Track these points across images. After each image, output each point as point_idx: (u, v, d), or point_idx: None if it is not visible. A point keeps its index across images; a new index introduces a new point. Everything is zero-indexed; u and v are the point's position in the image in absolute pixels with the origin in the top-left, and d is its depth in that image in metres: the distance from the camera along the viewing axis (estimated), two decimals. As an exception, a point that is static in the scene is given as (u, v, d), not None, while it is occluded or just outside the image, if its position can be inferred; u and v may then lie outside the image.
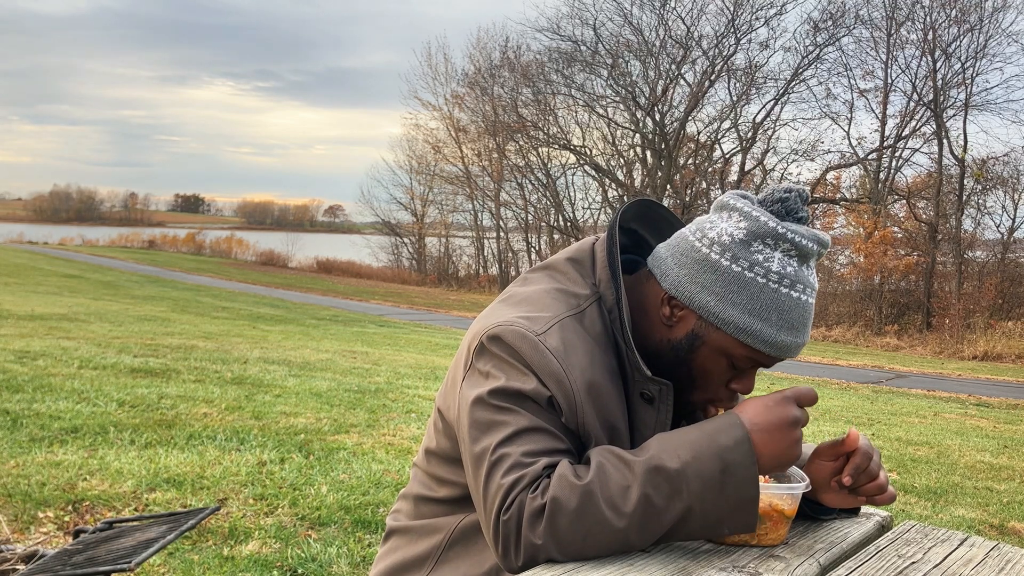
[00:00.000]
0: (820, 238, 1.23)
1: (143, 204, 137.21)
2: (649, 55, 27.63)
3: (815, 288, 1.25)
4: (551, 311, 1.24)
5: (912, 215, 25.04)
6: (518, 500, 1.09)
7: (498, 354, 1.20)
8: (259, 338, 11.21)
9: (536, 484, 1.10)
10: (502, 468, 1.11)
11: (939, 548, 1.26)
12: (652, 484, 1.08)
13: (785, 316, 1.20)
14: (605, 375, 1.23)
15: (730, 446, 1.09)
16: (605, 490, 1.08)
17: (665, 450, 1.10)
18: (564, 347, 1.19)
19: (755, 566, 1.12)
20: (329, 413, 5.67)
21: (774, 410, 1.12)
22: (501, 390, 1.16)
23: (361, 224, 47.94)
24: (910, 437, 7.32)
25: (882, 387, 12.57)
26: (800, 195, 1.24)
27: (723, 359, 1.24)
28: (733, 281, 1.20)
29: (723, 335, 1.22)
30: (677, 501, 1.08)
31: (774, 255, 1.20)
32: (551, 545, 1.08)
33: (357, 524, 3.41)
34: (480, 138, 33.50)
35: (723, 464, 1.09)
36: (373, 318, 18.93)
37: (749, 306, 1.20)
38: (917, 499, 5.00)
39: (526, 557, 1.09)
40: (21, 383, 5.67)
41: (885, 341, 20.94)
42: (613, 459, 1.11)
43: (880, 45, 25.05)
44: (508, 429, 1.14)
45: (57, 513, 3.27)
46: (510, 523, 1.09)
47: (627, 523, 1.08)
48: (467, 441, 1.18)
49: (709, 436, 1.11)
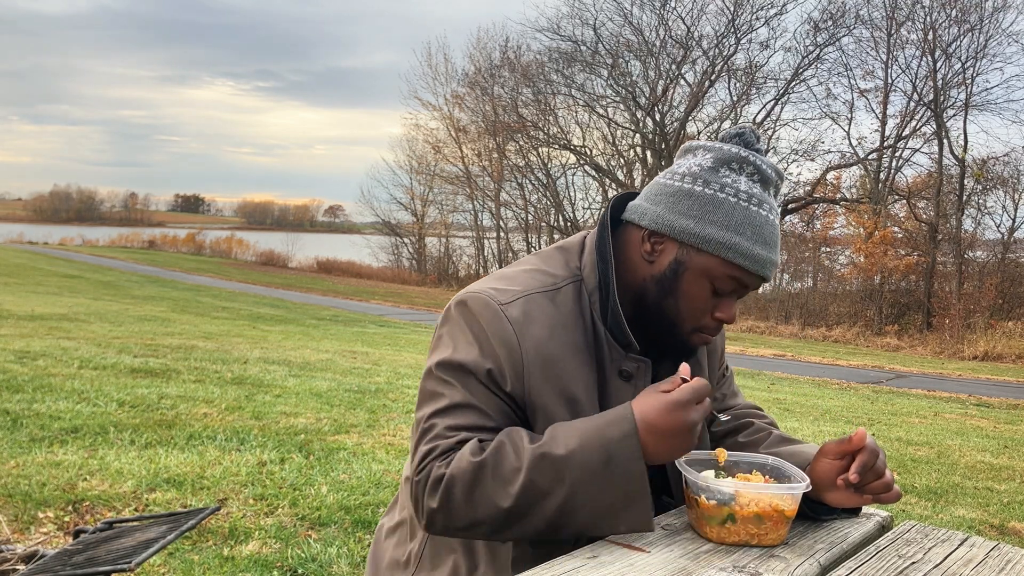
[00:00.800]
0: (777, 167, 1.33)
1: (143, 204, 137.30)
2: (649, 55, 27.63)
3: (778, 213, 1.34)
4: (522, 286, 1.31)
5: (912, 215, 25.03)
6: (428, 467, 1.20)
7: (458, 320, 1.29)
8: (259, 338, 11.21)
9: (446, 455, 1.20)
10: (426, 436, 1.23)
11: (939, 548, 1.26)
12: (538, 469, 1.14)
13: (758, 231, 1.28)
14: (565, 349, 1.28)
15: (616, 439, 1.14)
16: (496, 470, 1.16)
17: (556, 438, 1.17)
18: (524, 318, 1.26)
19: (755, 566, 1.12)
20: (329, 413, 5.67)
21: (671, 415, 1.15)
22: (446, 362, 1.26)
23: (361, 224, 47.96)
24: (910, 437, 7.32)
25: (882, 387, 12.56)
26: (753, 132, 1.34)
27: (706, 282, 1.29)
28: (708, 202, 1.28)
29: (705, 256, 1.28)
30: (559, 487, 1.14)
31: (740, 178, 1.29)
32: (444, 512, 1.19)
33: (357, 524, 3.41)
34: (480, 138, 33.51)
35: (607, 456, 1.14)
36: (373, 318, 18.93)
37: (725, 223, 1.27)
38: (917, 499, 5.00)
39: (427, 519, 1.22)
40: (21, 383, 5.67)
41: (885, 341, 20.93)
42: (513, 442, 1.18)
43: (880, 45, 25.07)
44: (443, 402, 1.24)
45: (57, 513, 3.27)
46: (418, 486, 1.21)
47: (512, 503, 1.15)
48: (416, 404, 1.31)
49: (599, 428, 1.16)
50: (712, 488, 1.19)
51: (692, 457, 1.30)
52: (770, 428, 1.51)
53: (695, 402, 1.16)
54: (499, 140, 31.93)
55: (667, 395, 1.16)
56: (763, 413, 1.58)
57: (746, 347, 17.83)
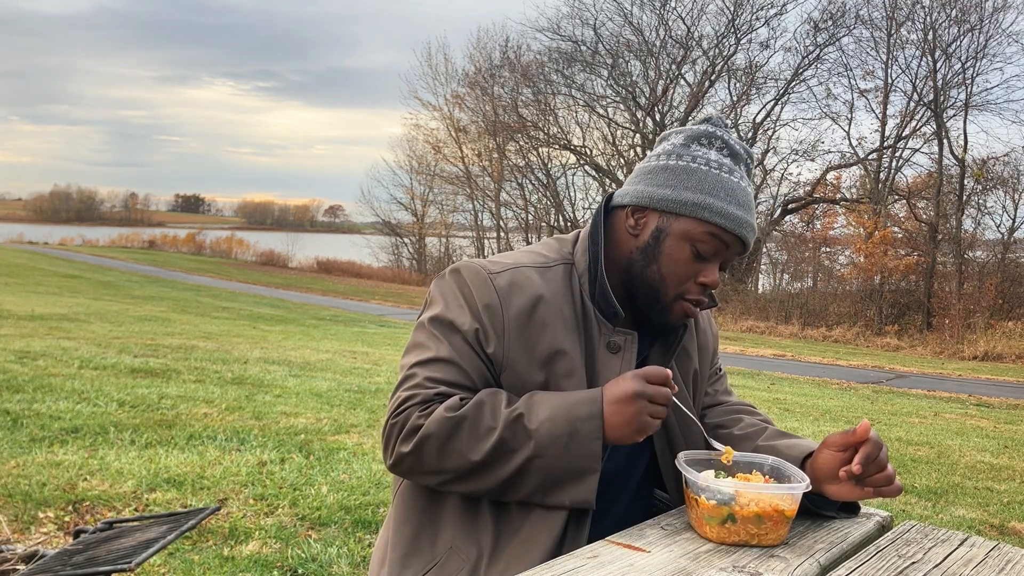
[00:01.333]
0: (744, 145, 1.43)
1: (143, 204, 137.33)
2: (649, 55, 27.63)
3: (751, 184, 1.43)
4: (514, 261, 1.41)
5: (912, 215, 25.03)
6: (405, 413, 1.29)
7: (449, 283, 1.38)
8: (259, 338, 11.21)
9: (426, 406, 1.28)
10: (407, 383, 1.32)
11: (939, 548, 1.26)
12: (510, 430, 1.25)
13: (731, 194, 1.37)
14: (550, 314, 1.35)
15: (582, 417, 1.25)
16: (473, 426, 1.25)
17: (531, 406, 1.26)
18: (509, 287, 1.35)
19: (755, 566, 1.12)
20: (329, 413, 5.67)
21: (621, 385, 1.26)
22: (437, 317, 1.36)
23: (361, 224, 47.97)
24: (910, 437, 7.32)
25: (882, 387, 12.56)
26: (720, 117, 1.44)
27: (687, 245, 1.36)
28: (682, 172, 1.38)
29: (683, 220, 1.36)
30: (525, 448, 1.24)
31: (711, 151, 1.39)
32: (415, 457, 1.28)
33: (357, 524, 3.41)
34: (480, 138, 33.50)
35: (572, 429, 1.24)
36: (373, 318, 18.94)
37: (699, 187, 1.36)
38: (917, 499, 5.00)
39: (394, 460, 1.31)
40: (21, 383, 5.67)
41: (885, 341, 20.93)
42: (492, 403, 1.27)
43: (880, 45, 25.07)
44: (427, 353, 1.34)
45: (57, 513, 3.27)
46: (393, 429, 1.30)
47: (480, 458, 1.25)
48: (403, 351, 1.39)
49: (569, 405, 1.26)
50: (712, 488, 1.19)
51: (692, 457, 1.30)
52: (765, 423, 1.52)
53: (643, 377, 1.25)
54: (499, 140, 31.93)
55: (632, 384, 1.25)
56: (756, 411, 1.59)
57: (746, 347, 17.83)
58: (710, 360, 1.59)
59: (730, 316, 23.24)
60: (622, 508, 1.43)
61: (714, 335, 1.62)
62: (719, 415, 1.56)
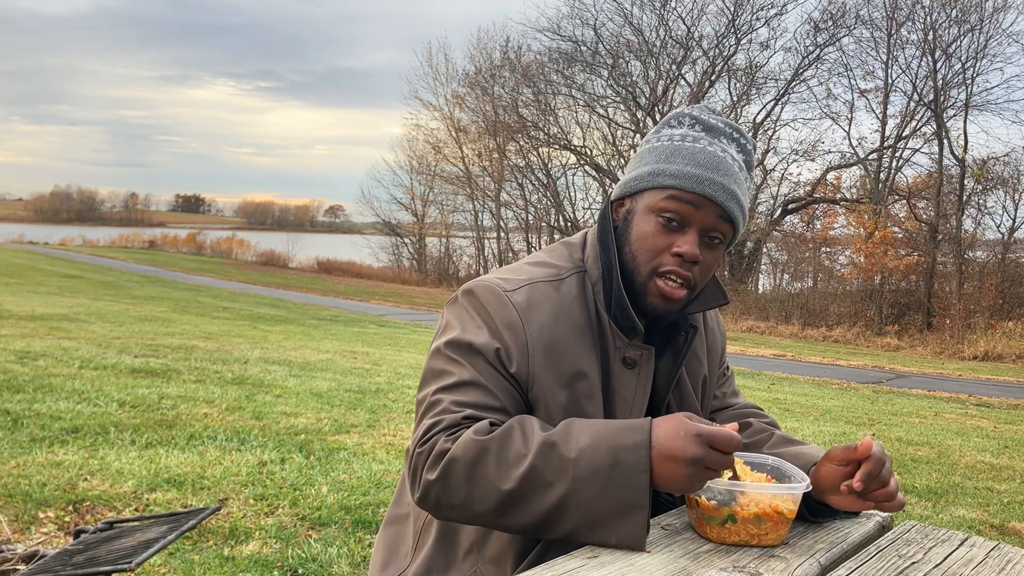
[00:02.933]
0: (728, 120, 1.36)
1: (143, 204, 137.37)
2: (649, 55, 27.63)
3: (728, 152, 1.32)
4: (527, 275, 1.34)
5: (912, 215, 25.03)
6: (432, 440, 1.20)
7: (464, 306, 1.32)
8: (260, 338, 11.21)
9: (452, 430, 1.19)
10: (432, 411, 1.23)
11: (939, 548, 1.26)
12: (544, 457, 1.13)
13: (690, 157, 1.30)
14: (568, 333, 1.30)
15: (627, 447, 1.12)
16: (502, 452, 1.15)
17: (568, 432, 1.16)
18: (528, 304, 1.29)
19: (755, 566, 1.12)
20: (330, 413, 5.67)
21: (682, 441, 1.11)
22: (455, 341, 1.28)
23: (361, 224, 47.95)
24: (911, 437, 7.32)
25: (882, 387, 12.56)
26: (706, 105, 1.40)
27: (652, 216, 1.31)
28: (646, 152, 1.36)
29: (645, 194, 1.33)
30: (562, 480, 1.12)
31: (680, 129, 1.34)
32: (441, 486, 1.17)
33: (358, 524, 3.41)
34: (480, 138, 33.51)
35: (614, 460, 1.12)
36: (373, 318, 18.93)
37: (656, 157, 1.33)
38: (917, 499, 5.00)
39: (422, 491, 1.20)
40: (22, 383, 5.67)
41: (885, 341, 20.93)
42: (523, 428, 1.18)
43: (880, 45, 25.08)
44: (450, 379, 1.25)
45: (58, 513, 3.27)
46: (420, 458, 1.20)
47: (512, 487, 1.13)
48: (419, 384, 1.31)
49: (612, 431, 1.15)
50: (712, 488, 1.19)
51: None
52: (771, 428, 1.51)
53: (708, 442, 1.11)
54: (499, 140, 31.93)
55: (688, 421, 1.13)
56: (763, 413, 1.58)
57: (746, 347, 17.83)
58: (719, 361, 1.57)
59: (730, 316, 23.24)
60: None
61: (722, 334, 1.60)
62: (725, 420, 1.54)
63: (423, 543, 1.36)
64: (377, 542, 1.48)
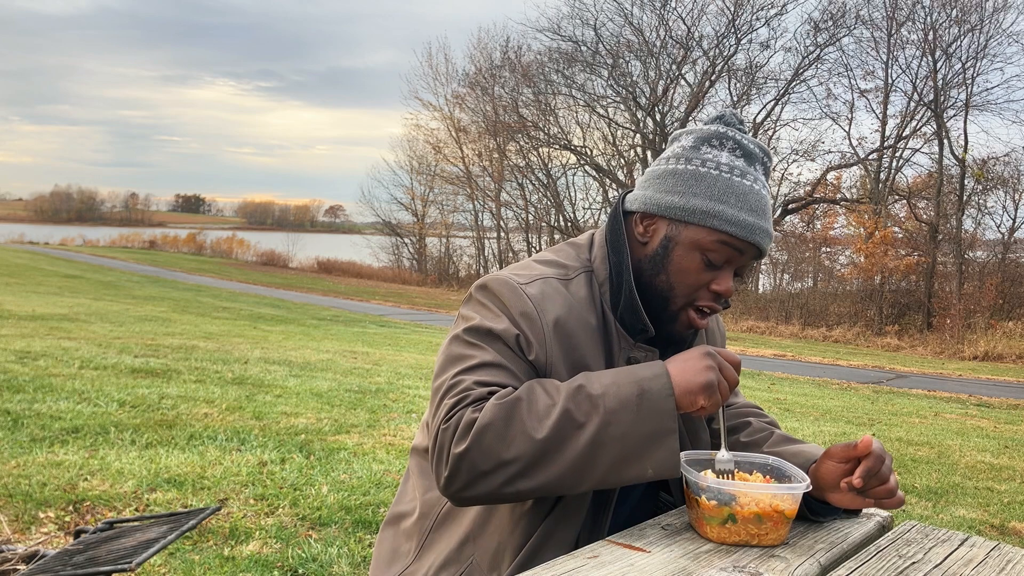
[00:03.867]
0: (760, 143, 1.37)
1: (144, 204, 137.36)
2: (650, 55, 27.62)
3: (766, 186, 1.36)
4: (539, 272, 1.37)
5: (913, 215, 25.03)
6: (456, 415, 1.19)
7: (480, 299, 1.34)
8: (260, 338, 11.21)
9: (478, 404, 1.20)
10: (454, 391, 1.23)
11: (940, 548, 1.26)
12: (574, 400, 1.17)
13: (743, 199, 1.31)
14: (580, 326, 1.32)
15: (648, 377, 1.19)
16: (532, 404, 1.17)
17: (590, 378, 1.21)
18: (542, 295, 1.31)
19: (755, 566, 1.12)
20: (330, 413, 5.67)
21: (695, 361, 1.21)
22: (474, 328, 1.29)
23: (362, 224, 47.93)
24: (911, 437, 7.32)
25: (883, 387, 12.56)
26: (734, 114, 1.38)
27: (697, 254, 1.32)
28: (691, 177, 1.33)
29: (692, 228, 1.32)
30: (594, 416, 1.16)
31: (721, 153, 1.34)
32: (474, 453, 1.16)
33: (358, 524, 3.41)
34: (481, 138, 33.51)
35: (640, 389, 1.18)
36: (374, 318, 18.93)
37: (709, 193, 1.31)
38: (918, 499, 5.00)
39: (450, 469, 1.18)
40: (22, 383, 5.67)
41: (886, 341, 20.92)
42: (543, 384, 1.21)
43: (881, 45, 25.08)
44: (471, 361, 1.26)
45: (58, 513, 3.27)
46: (446, 433, 1.19)
47: (547, 434, 1.15)
48: (435, 373, 1.30)
49: (631, 369, 1.22)
50: (712, 488, 1.19)
51: (692, 457, 1.30)
52: (771, 427, 1.51)
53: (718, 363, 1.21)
54: (499, 140, 31.93)
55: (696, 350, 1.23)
56: (763, 412, 1.58)
57: (746, 347, 17.82)
58: None
59: (730, 316, 23.23)
60: (627, 511, 1.43)
61: (722, 335, 1.62)
62: (726, 420, 1.54)
63: (425, 542, 1.36)
64: (378, 542, 1.48)
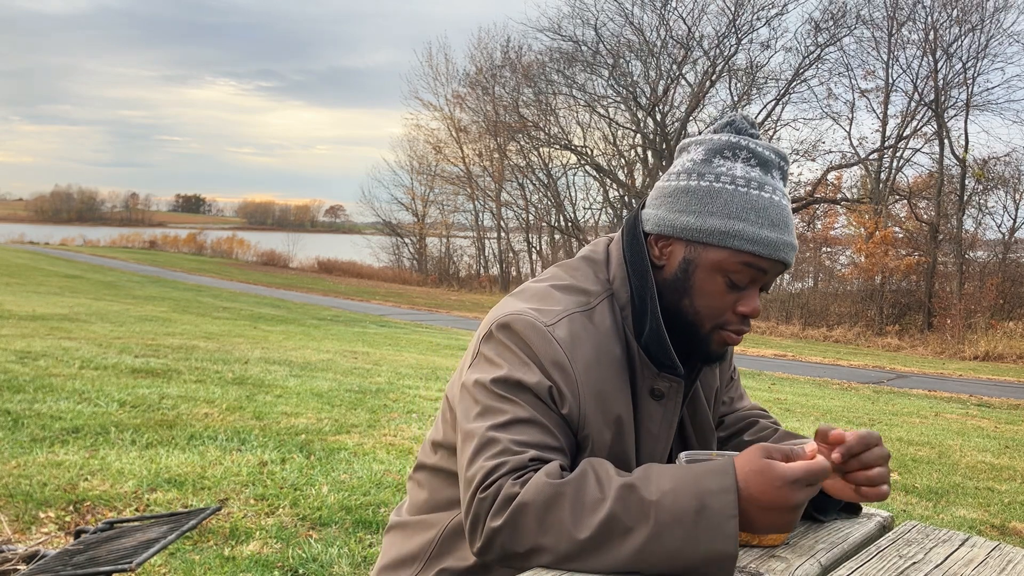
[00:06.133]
0: (775, 147, 1.28)
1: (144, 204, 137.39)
2: (650, 55, 27.62)
3: (785, 194, 1.27)
4: (561, 305, 1.26)
5: (913, 215, 25.03)
6: (497, 483, 1.10)
7: (505, 342, 1.22)
8: (260, 338, 11.21)
9: (519, 473, 1.10)
10: (489, 451, 1.13)
11: (940, 548, 1.26)
12: (623, 502, 1.04)
13: (763, 214, 1.23)
14: (611, 370, 1.25)
15: (714, 491, 1.03)
16: (577, 497, 1.06)
17: (647, 476, 1.07)
18: (571, 339, 1.22)
19: (755, 566, 1.11)
20: (330, 413, 5.67)
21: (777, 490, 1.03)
22: (504, 379, 1.18)
23: (362, 224, 47.98)
24: (911, 437, 7.32)
25: (883, 387, 12.56)
26: (745, 117, 1.29)
27: (719, 276, 1.25)
28: (705, 194, 1.24)
29: (712, 250, 1.24)
30: (643, 525, 1.02)
31: (736, 164, 1.25)
32: (509, 533, 1.07)
33: (358, 524, 3.41)
34: (481, 138, 33.52)
35: (700, 505, 1.02)
36: (374, 318, 18.93)
37: (726, 211, 1.23)
38: (918, 499, 5.00)
39: (484, 540, 1.10)
40: (22, 383, 5.67)
41: (886, 341, 20.92)
42: (596, 471, 1.09)
43: (881, 45, 25.08)
44: (504, 416, 1.16)
45: (58, 513, 3.27)
46: (483, 504, 1.10)
47: (589, 535, 1.04)
48: (462, 419, 1.20)
49: (695, 475, 1.06)
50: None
51: (693, 457, 1.29)
52: (775, 427, 1.51)
53: (807, 484, 1.04)
54: (500, 140, 31.94)
55: (776, 466, 1.04)
56: (768, 414, 1.58)
57: (747, 347, 17.82)
58: (728, 367, 1.56)
59: (731, 316, 23.22)
60: None
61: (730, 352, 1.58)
62: (733, 423, 1.53)
63: (431, 554, 1.34)
64: (383, 551, 1.46)
